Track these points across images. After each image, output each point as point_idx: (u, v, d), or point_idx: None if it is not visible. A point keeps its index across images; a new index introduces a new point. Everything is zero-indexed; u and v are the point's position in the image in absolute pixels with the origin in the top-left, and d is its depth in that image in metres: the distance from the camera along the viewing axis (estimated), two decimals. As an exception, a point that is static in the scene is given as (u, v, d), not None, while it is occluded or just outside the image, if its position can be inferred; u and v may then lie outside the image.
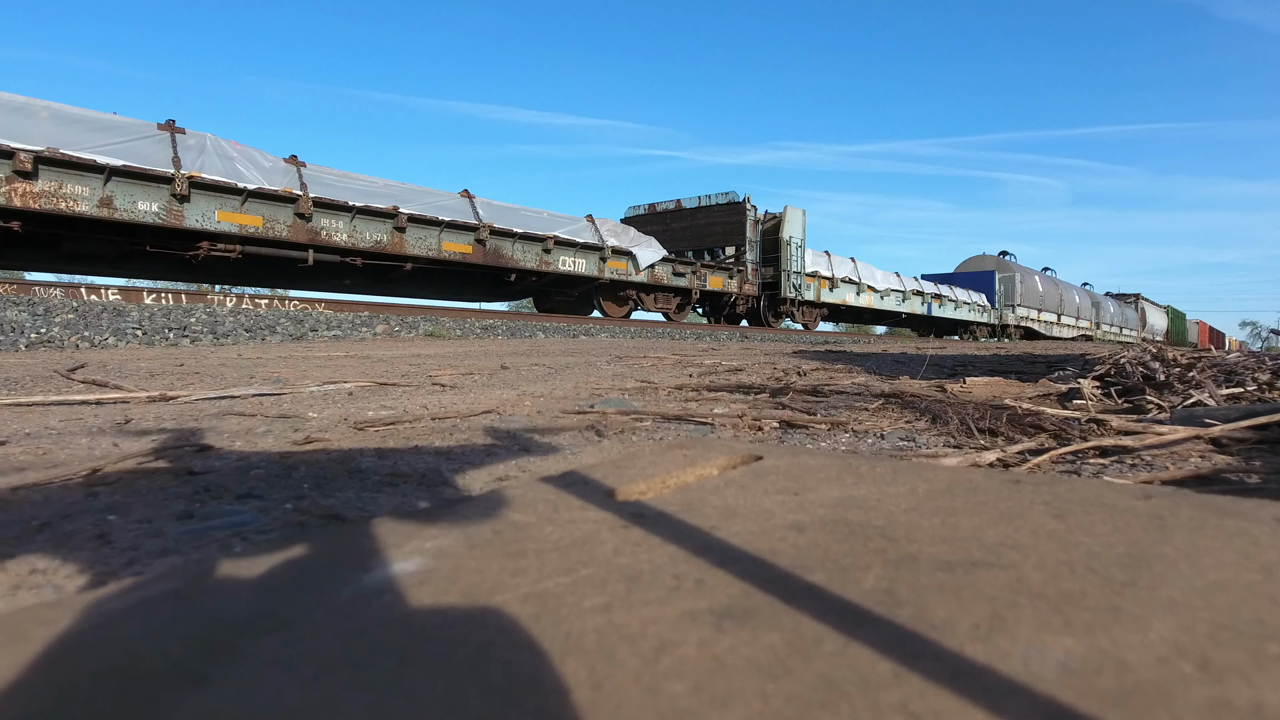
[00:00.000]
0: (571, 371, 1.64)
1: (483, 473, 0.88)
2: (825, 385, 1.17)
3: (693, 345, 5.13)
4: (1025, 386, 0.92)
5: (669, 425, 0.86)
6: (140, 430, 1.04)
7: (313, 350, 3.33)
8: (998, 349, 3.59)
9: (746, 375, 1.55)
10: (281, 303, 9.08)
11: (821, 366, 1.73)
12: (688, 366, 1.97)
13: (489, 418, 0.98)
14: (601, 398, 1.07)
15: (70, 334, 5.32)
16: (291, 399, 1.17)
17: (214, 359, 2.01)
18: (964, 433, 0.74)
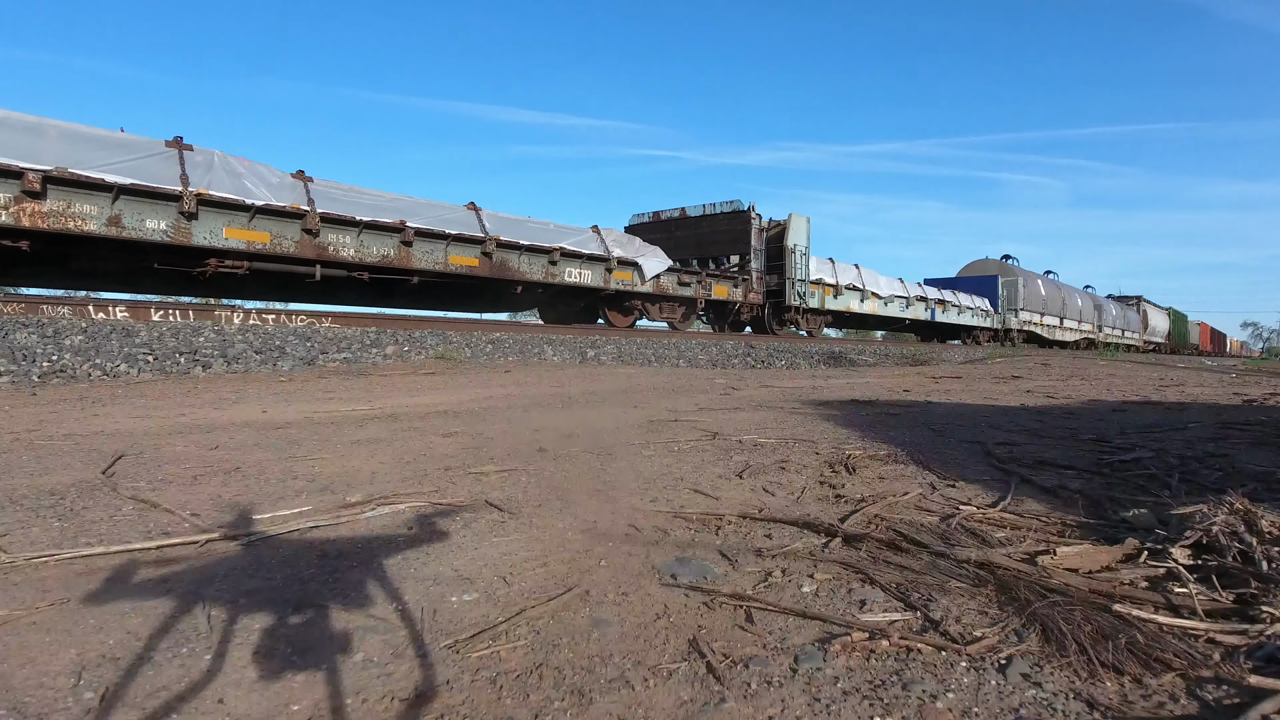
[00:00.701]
0: (615, 462, 1.62)
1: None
2: (896, 518, 1.15)
3: (705, 376, 5.12)
4: (1112, 551, 0.89)
5: (784, 632, 0.78)
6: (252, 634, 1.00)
7: (332, 396, 3.31)
8: (1028, 394, 3.57)
9: (791, 470, 1.53)
10: (289, 318, 9.07)
11: (866, 452, 1.71)
12: (720, 439, 1.95)
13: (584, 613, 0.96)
14: (662, 541, 1.05)
15: (82, 361, 5.31)
16: (350, 527, 1.15)
17: (245, 434, 1.99)
18: (1088, 669, 0.71)
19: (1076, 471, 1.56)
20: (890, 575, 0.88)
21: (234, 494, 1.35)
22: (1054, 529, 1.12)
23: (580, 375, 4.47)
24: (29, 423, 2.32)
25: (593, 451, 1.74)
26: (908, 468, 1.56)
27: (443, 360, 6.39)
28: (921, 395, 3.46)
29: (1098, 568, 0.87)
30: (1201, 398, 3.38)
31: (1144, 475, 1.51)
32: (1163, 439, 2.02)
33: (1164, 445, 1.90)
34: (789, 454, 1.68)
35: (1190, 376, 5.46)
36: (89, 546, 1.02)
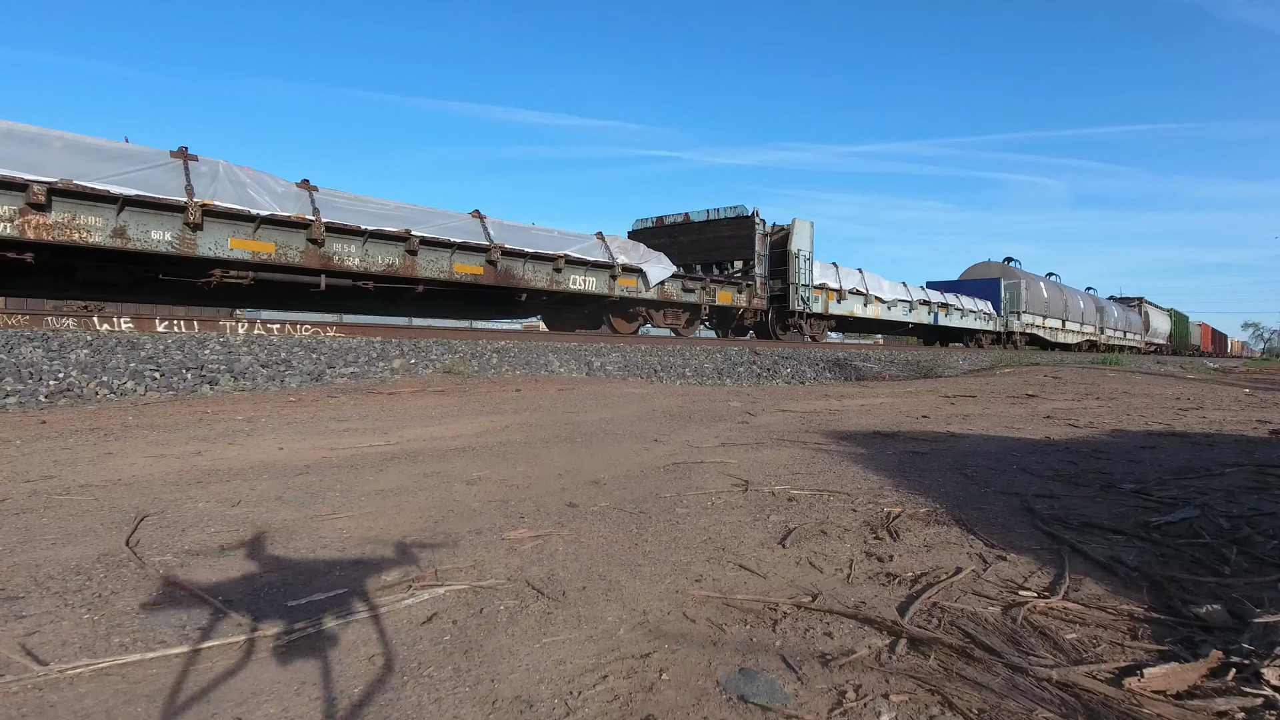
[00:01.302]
0: (650, 522, 1.59)
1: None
2: (956, 607, 1.11)
3: (717, 396, 5.10)
4: (1198, 668, 0.86)
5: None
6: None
7: (346, 425, 3.28)
8: (1048, 420, 3.54)
9: (833, 534, 1.50)
10: (294, 328, 9.03)
11: (905, 509, 1.67)
12: (753, 490, 1.91)
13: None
14: (720, 641, 1.00)
15: (89, 379, 5.27)
16: (391, 620, 1.11)
17: (265, 484, 1.96)
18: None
19: (1126, 537, 1.51)
20: (970, 697, 0.84)
21: (264, 569, 1.31)
22: (1123, 625, 1.07)
23: (591, 396, 4.43)
24: (43, 466, 2.28)
25: (624, 508, 1.70)
26: (950, 530, 1.52)
27: (451, 375, 6.35)
28: (941, 422, 3.42)
29: (1185, 688, 0.84)
30: (1225, 426, 3.33)
31: (1198, 544, 1.46)
32: (1202, 488, 1.98)
33: (1206, 498, 1.85)
34: (827, 512, 1.64)
35: (1205, 393, 5.42)
36: (124, 652, 0.98)
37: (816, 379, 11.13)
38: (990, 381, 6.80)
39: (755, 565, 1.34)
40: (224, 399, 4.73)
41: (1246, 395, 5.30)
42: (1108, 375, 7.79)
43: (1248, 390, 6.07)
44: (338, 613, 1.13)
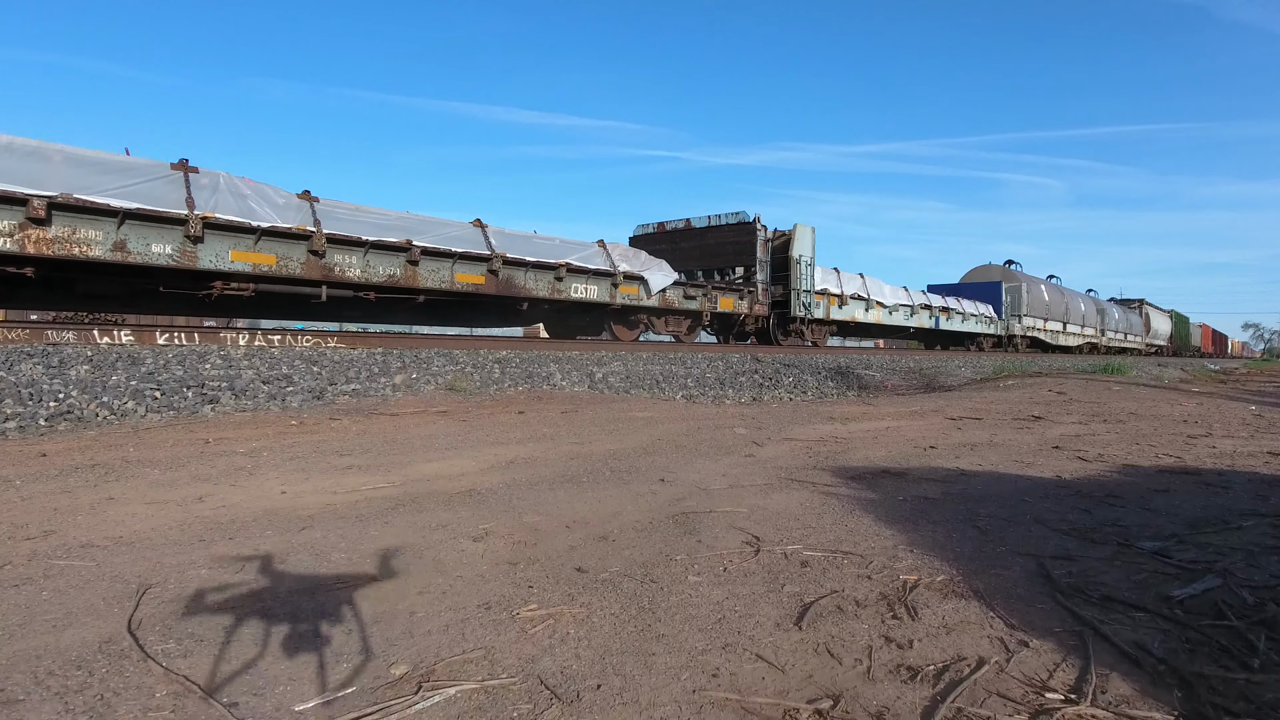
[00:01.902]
0: (662, 595, 1.56)
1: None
2: (982, 714, 1.09)
3: (722, 418, 5.08)
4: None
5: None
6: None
7: (349, 461, 3.25)
8: (1056, 451, 3.52)
9: (848, 613, 1.47)
10: (294, 338, 9.00)
11: (921, 578, 1.64)
12: (765, 550, 1.89)
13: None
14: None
15: (89, 399, 5.23)
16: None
17: (268, 541, 1.93)
18: None
19: (1148, 614, 1.48)
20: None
21: (269, 666, 1.27)
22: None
23: (595, 422, 4.40)
24: (43, 515, 2.25)
25: (633, 574, 1.67)
26: (969, 605, 1.49)
27: (453, 392, 6.31)
28: (949, 455, 3.39)
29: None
30: (1237, 461, 3.30)
31: (1223, 627, 1.43)
32: (1220, 546, 1.95)
33: (1226, 561, 1.82)
34: (842, 579, 1.61)
35: (1211, 412, 5.39)
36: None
37: (819, 388, 11.10)
38: (995, 398, 6.76)
39: (773, 655, 1.31)
40: (225, 421, 4.69)
41: (1254, 416, 5.27)
42: (1112, 389, 7.75)
43: (1254, 409, 6.04)
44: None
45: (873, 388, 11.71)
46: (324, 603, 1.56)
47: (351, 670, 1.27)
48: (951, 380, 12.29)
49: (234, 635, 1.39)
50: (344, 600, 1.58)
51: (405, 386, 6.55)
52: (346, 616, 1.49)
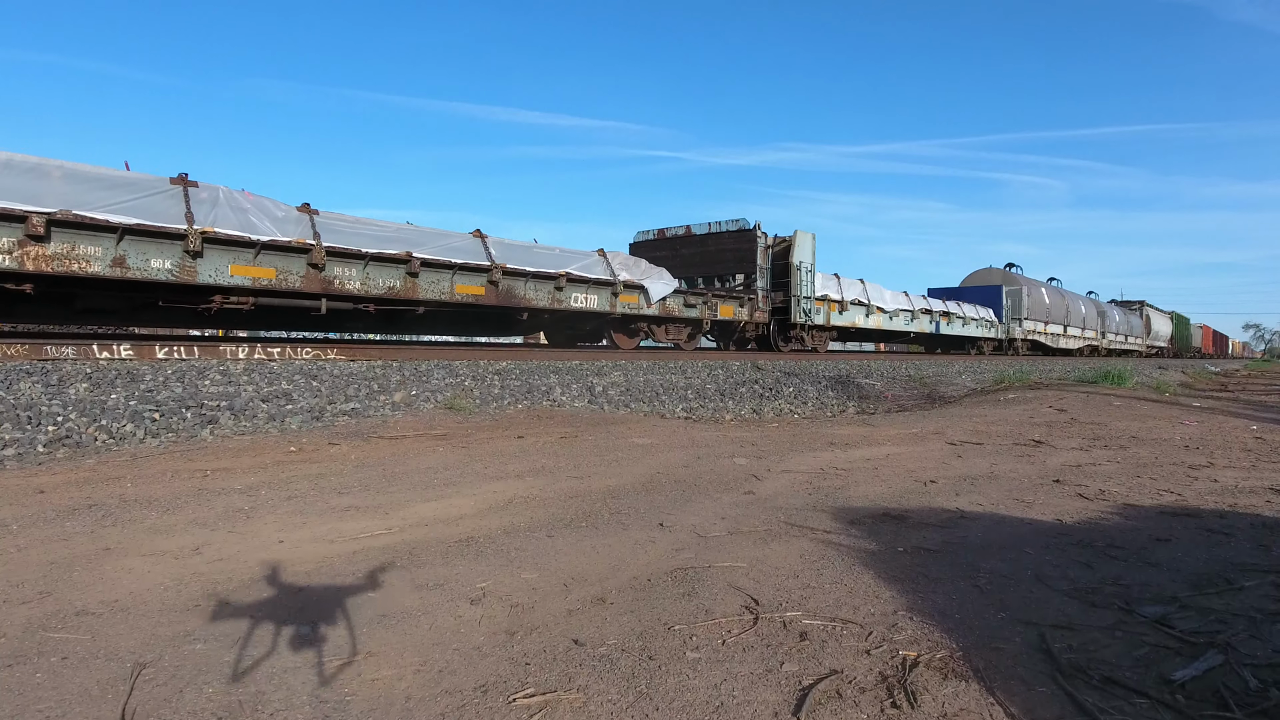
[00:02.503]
0: (660, 676, 1.55)
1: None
2: None
3: (716, 442, 5.08)
4: None
5: None
6: None
7: (348, 501, 3.25)
8: (1056, 486, 3.51)
9: (848, 699, 1.46)
10: (294, 350, 9.00)
11: (920, 654, 1.63)
12: (763, 620, 1.88)
13: None
14: None
15: (88, 422, 5.23)
16: None
17: (262, 609, 1.92)
18: None
19: (1150, 701, 1.47)
20: None
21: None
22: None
23: (594, 450, 4.39)
24: (39, 570, 2.24)
25: (630, 649, 1.66)
26: (969, 688, 1.48)
27: (452, 411, 6.30)
28: (949, 492, 3.38)
29: None
30: (1239, 499, 3.29)
31: (1226, 719, 1.42)
32: (1223, 611, 1.94)
33: (1229, 631, 1.81)
34: (840, 655, 1.60)
35: (1212, 434, 5.37)
36: None
37: (819, 398, 11.09)
38: (995, 416, 6.75)
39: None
40: (223, 448, 4.68)
41: (1255, 439, 5.25)
42: (1113, 405, 7.73)
43: (1255, 429, 6.03)
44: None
45: (873, 397, 11.70)
46: (320, 694, 1.55)
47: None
48: (952, 390, 12.28)
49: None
50: (340, 680, 1.57)
51: (404, 405, 6.54)
52: (344, 706, 1.48)
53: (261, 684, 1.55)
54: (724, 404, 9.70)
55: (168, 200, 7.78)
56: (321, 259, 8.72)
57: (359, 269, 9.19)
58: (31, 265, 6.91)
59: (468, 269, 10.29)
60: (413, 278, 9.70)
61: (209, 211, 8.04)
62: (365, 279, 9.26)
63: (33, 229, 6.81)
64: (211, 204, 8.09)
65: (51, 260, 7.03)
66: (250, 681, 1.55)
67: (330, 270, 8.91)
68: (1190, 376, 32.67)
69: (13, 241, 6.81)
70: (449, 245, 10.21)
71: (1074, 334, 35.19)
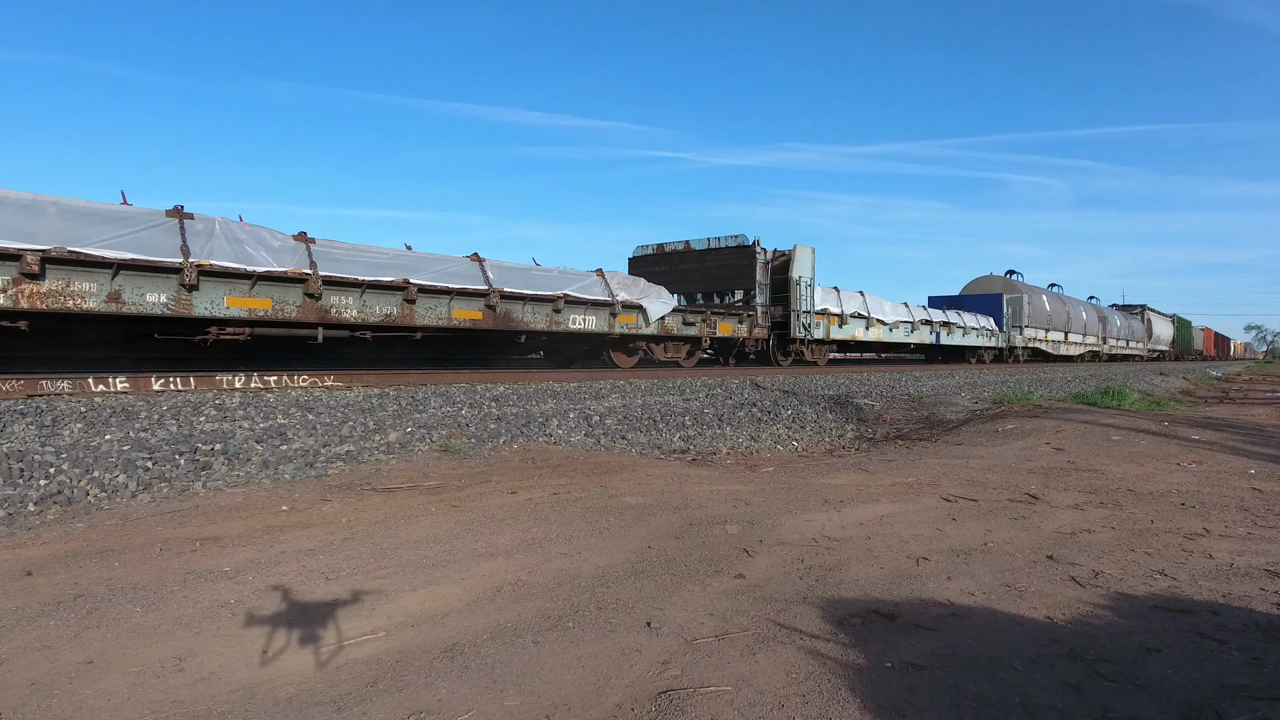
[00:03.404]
0: None
1: None
2: None
3: (711, 504, 5.11)
4: None
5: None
6: None
7: (331, 574, 3.23)
8: (1050, 565, 3.51)
9: None
10: (290, 379, 8.98)
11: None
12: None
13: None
14: None
15: (80, 474, 5.21)
16: None
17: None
18: None
19: None
20: None
21: None
22: None
23: (587, 508, 4.38)
24: (18, 696, 2.23)
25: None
26: None
27: (447, 455, 6.28)
28: (941, 569, 3.37)
29: None
30: (1233, 584, 3.27)
31: None
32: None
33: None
34: None
35: (1208, 487, 5.35)
36: None
37: (818, 422, 11.07)
38: (991, 458, 6.73)
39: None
40: (215, 508, 4.66)
41: (1252, 492, 5.23)
42: (1111, 439, 7.71)
43: (1254, 473, 6.00)
44: None
45: (871, 420, 11.68)
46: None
47: None
48: (950, 412, 12.25)
49: None
50: None
51: (399, 446, 6.52)
52: None
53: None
54: (721, 430, 9.68)
55: (163, 233, 7.77)
56: (318, 288, 8.71)
57: (356, 297, 9.18)
58: (26, 303, 6.90)
59: (465, 294, 10.28)
60: (410, 304, 9.69)
61: (205, 243, 8.03)
62: (362, 307, 9.25)
63: (27, 267, 6.80)
64: (207, 235, 8.08)
65: (46, 297, 7.02)
66: None
67: (327, 299, 8.90)
68: (1191, 382, 32.63)
69: (7, 280, 6.80)
70: (446, 270, 10.21)
71: (1075, 340, 35.16)
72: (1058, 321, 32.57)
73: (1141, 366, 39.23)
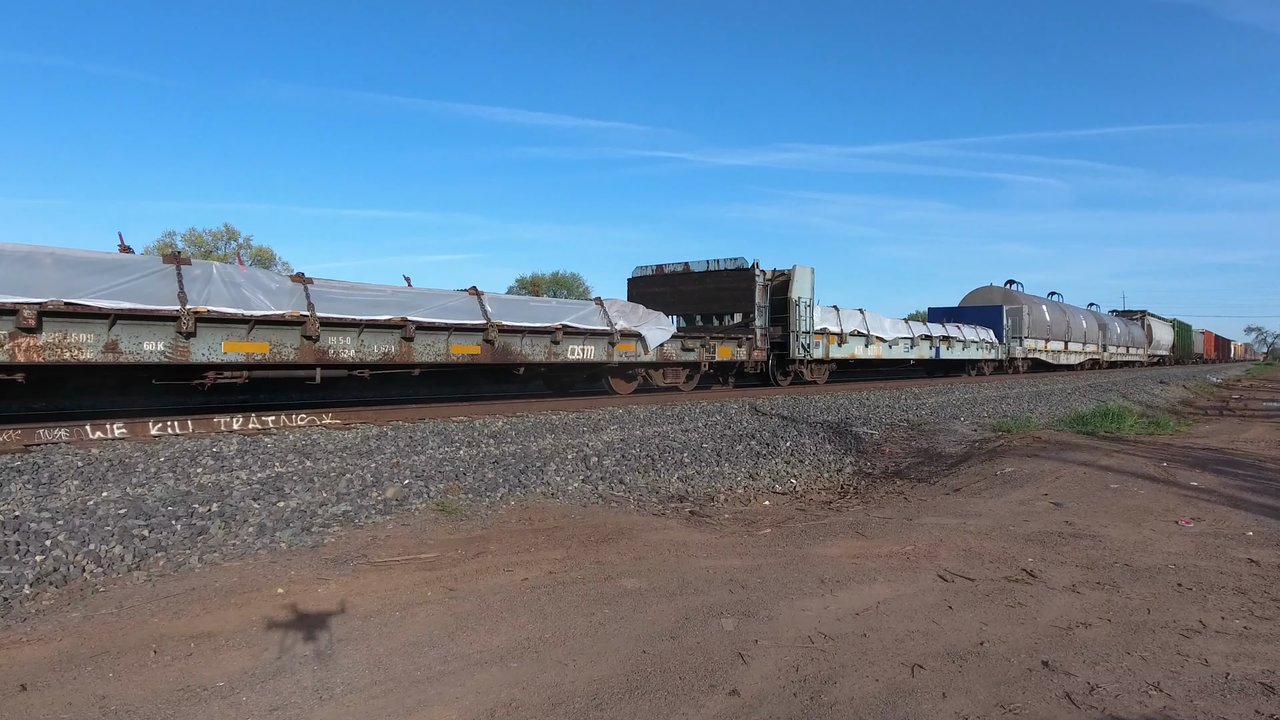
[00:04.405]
0: None
1: None
2: None
3: (706, 574, 5.09)
4: None
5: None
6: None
7: (326, 692, 3.24)
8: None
9: None
10: (288, 417, 8.98)
11: None
12: None
13: None
14: None
15: (77, 546, 5.21)
16: None
17: None
18: None
19: None
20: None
21: None
22: None
23: (582, 601, 4.38)
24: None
25: None
26: None
27: (444, 516, 6.28)
28: (934, 683, 3.38)
29: None
30: (1228, 703, 3.27)
31: None
32: None
33: None
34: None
35: (1205, 564, 5.35)
36: None
37: (815, 454, 11.08)
38: (989, 517, 6.73)
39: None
40: (211, 589, 4.66)
41: (1250, 567, 5.23)
42: (1110, 488, 7.72)
43: (1252, 536, 6.00)
44: None
45: (870, 452, 11.68)
46: None
47: None
48: (950, 442, 12.24)
49: None
50: None
51: (396, 504, 6.52)
52: None
53: None
54: (720, 469, 9.69)
55: (160, 281, 7.76)
56: (316, 330, 8.69)
57: (354, 337, 9.17)
58: (23, 357, 6.89)
59: (463, 329, 10.27)
60: (408, 342, 9.68)
61: (202, 289, 8.02)
62: (360, 346, 9.24)
63: (24, 321, 6.79)
64: (205, 281, 8.07)
65: (43, 350, 7.01)
66: None
67: (325, 340, 8.89)
68: (1191, 390, 32.63)
69: (4, 335, 6.78)
70: (444, 305, 10.19)
71: (1075, 349, 35.15)
72: (1058, 331, 32.56)
73: (1141, 374, 39.20)
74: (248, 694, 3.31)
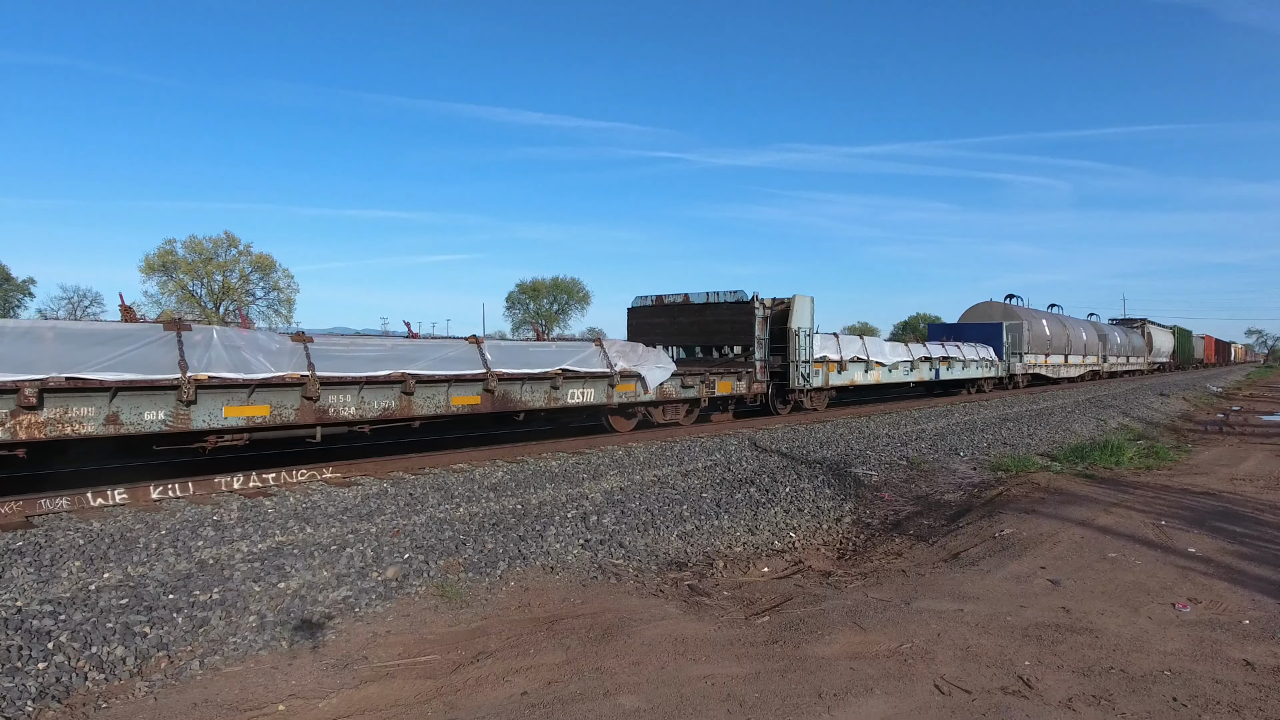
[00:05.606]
0: None
1: None
2: None
3: (707, 680, 5.06)
4: None
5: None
6: None
7: None
8: None
9: None
10: (289, 474, 9.01)
11: None
12: None
13: None
14: None
15: (79, 650, 5.24)
16: None
17: None
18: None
19: None
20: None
21: None
22: None
23: (584, 716, 4.41)
24: None
25: None
26: None
27: (444, 602, 6.31)
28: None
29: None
30: None
31: None
32: None
33: None
34: None
35: (1203, 659, 5.37)
36: None
37: (815, 502, 11.11)
38: (985, 602, 6.76)
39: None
40: (211, 702, 4.69)
41: (1245, 673, 5.25)
42: (1108, 556, 7.74)
43: (1247, 625, 6.03)
44: None
45: (869, 498, 11.71)
46: None
47: None
48: (948, 486, 12.27)
49: None
50: None
51: (396, 586, 6.55)
52: None
53: None
54: (719, 523, 9.73)
55: (160, 349, 7.77)
56: (316, 390, 8.72)
57: (354, 394, 9.19)
58: (25, 434, 6.92)
59: (463, 380, 10.29)
60: (408, 396, 9.70)
61: (203, 354, 8.03)
62: (360, 403, 9.26)
63: (25, 400, 6.81)
64: (205, 346, 8.09)
65: (45, 426, 7.04)
66: None
67: (325, 399, 8.92)
68: (1191, 403, 32.66)
69: (5, 413, 6.81)
70: (445, 356, 10.21)
71: (1075, 362, 35.19)
72: (1058, 345, 32.59)
73: (1141, 384, 39.23)
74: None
